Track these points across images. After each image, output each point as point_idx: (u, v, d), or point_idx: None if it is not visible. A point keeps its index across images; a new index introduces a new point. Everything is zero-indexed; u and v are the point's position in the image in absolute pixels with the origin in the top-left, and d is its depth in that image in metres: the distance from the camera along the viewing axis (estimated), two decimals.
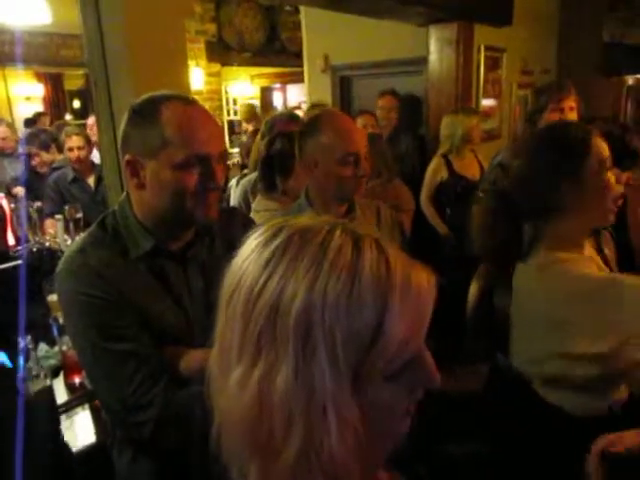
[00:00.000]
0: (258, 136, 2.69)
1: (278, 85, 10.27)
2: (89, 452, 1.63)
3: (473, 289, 1.99)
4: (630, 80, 8.25)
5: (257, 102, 9.58)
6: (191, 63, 6.79)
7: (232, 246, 0.62)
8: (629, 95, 8.44)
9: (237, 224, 1.37)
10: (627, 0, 5.27)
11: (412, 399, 0.60)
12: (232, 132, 9.18)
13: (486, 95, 4.72)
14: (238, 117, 9.50)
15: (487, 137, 4.74)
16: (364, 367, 0.54)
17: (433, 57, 4.28)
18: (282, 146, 2.06)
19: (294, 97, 9.95)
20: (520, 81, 5.24)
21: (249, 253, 0.59)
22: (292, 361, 0.53)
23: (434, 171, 3.67)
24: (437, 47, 4.25)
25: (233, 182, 2.86)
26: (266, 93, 10.18)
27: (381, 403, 0.57)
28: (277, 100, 10.44)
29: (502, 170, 2.54)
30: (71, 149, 3.71)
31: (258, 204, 2.13)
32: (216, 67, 7.74)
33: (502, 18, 4.52)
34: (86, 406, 1.85)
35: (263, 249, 0.58)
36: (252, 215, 2.15)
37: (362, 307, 0.53)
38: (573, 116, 2.58)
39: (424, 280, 0.58)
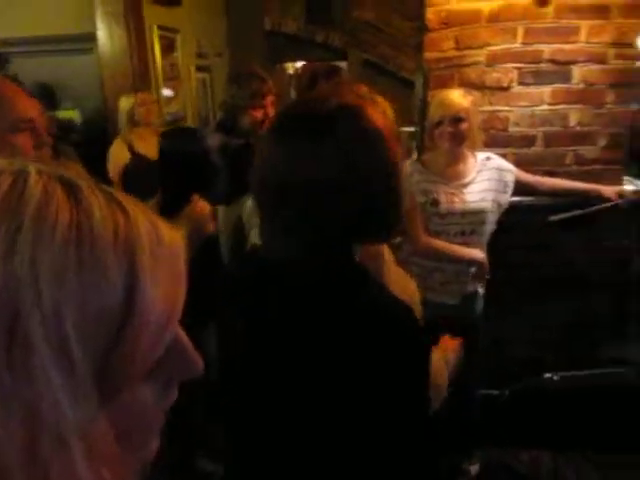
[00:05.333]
0: None
1: None
2: None
3: None
4: (291, 69, 9.20)
5: None
6: None
7: None
8: (291, 83, 9.44)
9: None
10: None
11: (168, 399, 0.43)
12: None
13: (165, 77, 4.62)
14: None
15: (172, 120, 4.67)
16: (116, 363, 0.36)
17: (102, 34, 3.97)
18: None
19: None
20: (197, 64, 5.30)
21: None
22: None
23: (116, 154, 3.36)
24: (105, 23, 3.95)
25: None
26: None
27: (137, 409, 0.40)
28: None
29: None
30: None
31: None
32: None
33: None
34: None
35: None
36: None
37: (102, 273, 0.35)
38: (273, 111, 2.54)
39: (173, 234, 0.41)
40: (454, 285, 2.09)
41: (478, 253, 2.05)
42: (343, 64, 6.33)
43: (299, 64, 8.84)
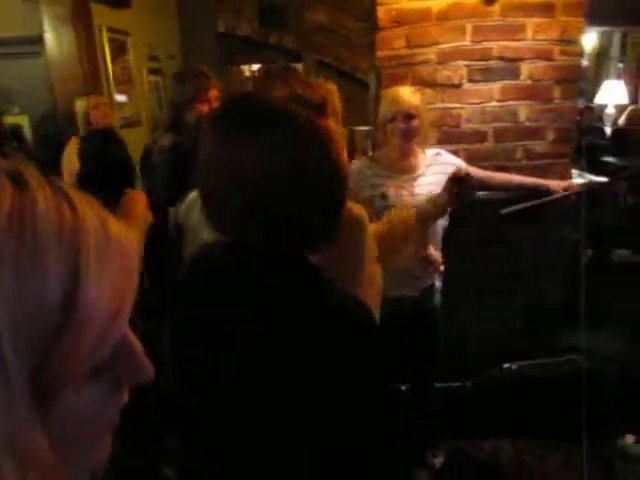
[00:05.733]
0: None
1: None
2: None
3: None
4: (247, 71, 9.16)
5: None
6: None
7: None
8: (248, 85, 9.37)
9: None
10: None
11: (117, 403, 0.42)
12: None
13: (117, 80, 4.53)
14: None
15: (126, 124, 4.58)
16: (57, 359, 0.34)
17: (49, 36, 3.86)
18: None
19: None
20: (149, 67, 5.21)
21: None
22: None
23: (70, 156, 3.28)
24: (52, 25, 3.85)
25: None
26: None
27: (82, 410, 0.38)
28: None
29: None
30: None
31: None
32: None
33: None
34: None
35: None
36: None
37: (43, 266, 0.34)
38: (217, 105, 2.57)
39: (123, 232, 0.40)
40: (411, 278, 2.11)
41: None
42: (298, 66, 6.34)
43: (255, 66, 8.82)
